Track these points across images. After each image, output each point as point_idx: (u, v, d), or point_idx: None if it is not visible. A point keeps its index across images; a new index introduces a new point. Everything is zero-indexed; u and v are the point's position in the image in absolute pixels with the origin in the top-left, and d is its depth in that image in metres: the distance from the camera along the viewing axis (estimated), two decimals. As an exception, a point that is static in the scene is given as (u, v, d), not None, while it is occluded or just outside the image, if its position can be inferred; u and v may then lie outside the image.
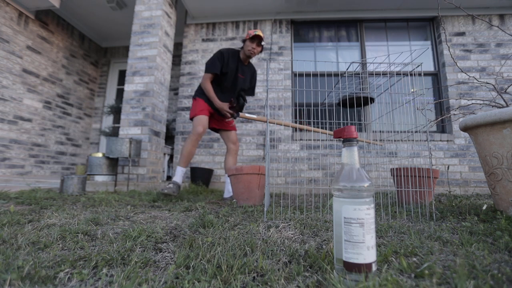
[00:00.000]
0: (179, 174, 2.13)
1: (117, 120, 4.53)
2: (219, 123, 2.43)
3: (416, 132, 3.21)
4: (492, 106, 1.48)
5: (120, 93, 4.91)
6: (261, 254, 0.69)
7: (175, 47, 4.59)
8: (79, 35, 4.57)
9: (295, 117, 3.58)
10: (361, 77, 3.57)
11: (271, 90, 3.53)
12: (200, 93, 2.35)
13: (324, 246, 0.80)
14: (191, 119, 2.29)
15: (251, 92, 2.58)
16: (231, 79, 2.34)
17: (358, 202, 0.54)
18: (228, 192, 2.30)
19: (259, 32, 2.19)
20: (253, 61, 3.66)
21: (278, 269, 0.61)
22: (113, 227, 1.03)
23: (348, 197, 0.55)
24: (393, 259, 0.68)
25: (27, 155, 3.62)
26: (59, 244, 0.78)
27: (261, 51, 2.35)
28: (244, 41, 2.33)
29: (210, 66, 2.25)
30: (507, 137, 1.14)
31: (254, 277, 0.58)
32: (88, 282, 0.55)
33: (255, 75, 2.51)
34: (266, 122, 1.39)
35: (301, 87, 3.65)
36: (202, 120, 2.21)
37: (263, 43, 2.27)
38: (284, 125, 2.09)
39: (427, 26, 3.72)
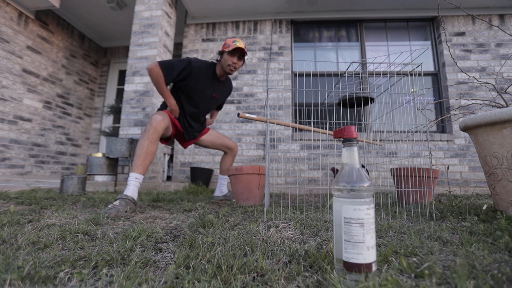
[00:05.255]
0: (132, 183, 1.52)
1: (117, 120, 4.54)
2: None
3: (416, 132, 3.21)
4: (492, 106, 1.48)
5: (120, 93, 4.91)
6: (261, 254, 0.69)
7: (175, 47, 4.60)
8: (79, 35, 4.57)
9: (295, 117, 3.58)
10: (361, 77, 3.57)
11: (271, 90, 3.53)
12: (162, 106, 1.92)
13: (324, 246, 0.80)
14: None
15: (219, 108, 2.29)
16: (203, 99, 1.92)
17: (358, 202, 0.54)
18: (220, 191, 2.22)
19: (240, 44, 1.79)
20: (253, 61, 3.66)
21: (278, 269, 0.61)
22: (113, 227, 1.03)
23: (348, 197, 0.55)
24: (393, 259, 0.68)
25: (27, 155, 3.62)
26: (59, 244, 0.78)
27: (242, 65, 1.92)
28: (221, 53, 1.88)
29: (167, 67, 1.71)
30: (507, 137, 1.14)
31: (254, 277, 0.58)
32: (88, 282, 0.55)
33: (231, 91, 2.18)
34: (266, 122, 1.39)
35: (301, 87, 3.65)
36: (161, 112, 1.74)
37: (246, 57, 1.85)
38: (284, 125, 2.06)
39: (427, 26, 3.72)
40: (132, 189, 1.50)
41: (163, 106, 1.91)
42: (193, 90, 1.86)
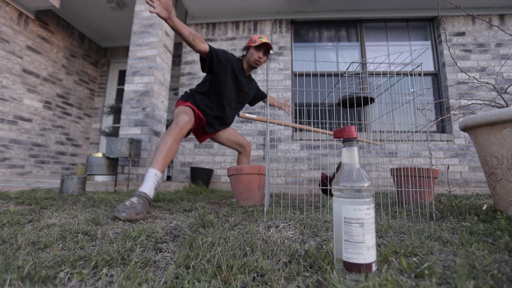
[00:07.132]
0: (151, 179, 1.38)
1: (117, 120, 4.54)
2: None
3: (416, 132, 3.21)
4: (492, 106, 1.48)
5: (120, 93, 4.91)
6: (261, 254, 0.69)
7: (175, 47, 4.59)
8: (79, 35, 4.57)
9: (295, 117, 3.57)
10: (361, 77, 3.57)
11: (271, 90, 3.53)
12: (187, 96, 1.89)
13: (324, 246, 0.80)
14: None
15: (254, 103, 2.30)
16: (235, 94, 1.94)
17: (358, 202, 0.54)
18: None
19: (266, 39, 1.84)
20: (253, 61, 3.66)
21: (278, 269, 0.61)
22: (113, 227, 1.03)
23: (348, 197, 0.55)
24: (393, 259, 0.68)
25: (27, 155, 3.61)
26: (59, 244, 0.78)
27: (266, 60, 1.92)
28: (247, 48, 1.93)
29: (219, 50, 1.77)
30: (507, 137, 1.14)
31: (254, 277, 0.58)
32: (88, 282, 0.55)
33: (257, 86, 2.20)
34: (266, 122, 1.39)
35: (301, 87, 3.65)
36: (187, 110, 1.73)
37: (271, 51, 1.90)
38: (284, 125, 2.05)
39: (427, 26, 3.72)
40: (150, 186, 1.36)
41: (186, 97, 1.86)
42: (227, 84, 1.85)
